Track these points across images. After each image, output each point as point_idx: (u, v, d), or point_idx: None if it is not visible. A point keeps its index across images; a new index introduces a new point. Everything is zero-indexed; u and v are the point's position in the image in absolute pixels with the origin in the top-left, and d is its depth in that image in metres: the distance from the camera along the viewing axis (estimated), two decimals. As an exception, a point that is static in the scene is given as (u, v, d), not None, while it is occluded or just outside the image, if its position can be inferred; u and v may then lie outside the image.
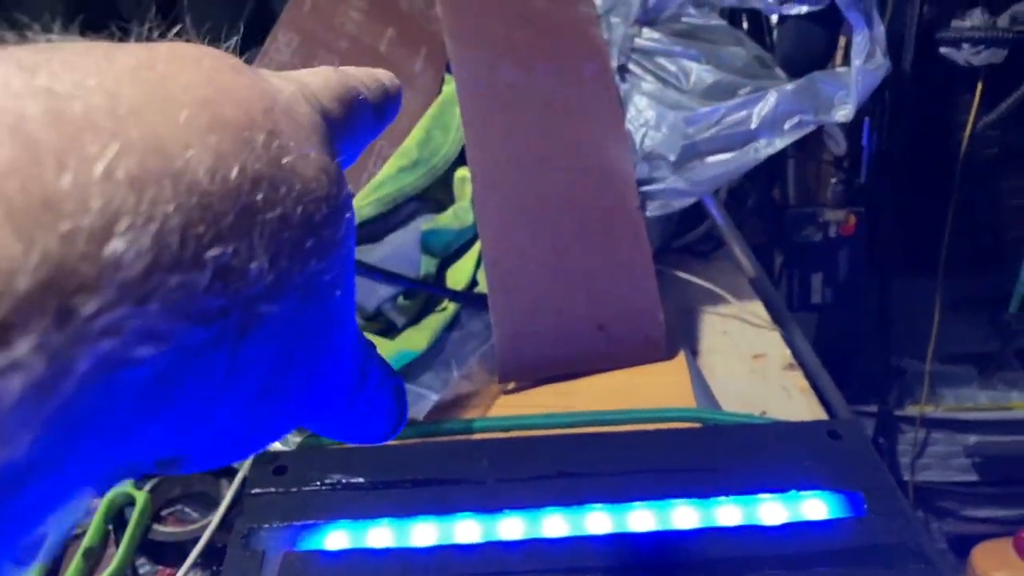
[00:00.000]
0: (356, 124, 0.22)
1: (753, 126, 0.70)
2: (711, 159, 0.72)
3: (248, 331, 0.15)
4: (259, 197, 0.15)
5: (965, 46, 0.78)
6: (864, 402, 1.01)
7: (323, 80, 0.21)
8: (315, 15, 0.71)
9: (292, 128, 0.17)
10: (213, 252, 0.14)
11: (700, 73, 0.74)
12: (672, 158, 0.71)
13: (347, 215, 0.18)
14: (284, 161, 0.16)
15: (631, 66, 0.75)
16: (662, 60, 0.75)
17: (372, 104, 0.22)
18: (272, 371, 0.17)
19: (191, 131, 0.15)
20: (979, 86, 0.81)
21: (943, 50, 0.80)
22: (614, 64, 0.74)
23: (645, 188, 0.72)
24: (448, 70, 0.74)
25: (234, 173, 0.15)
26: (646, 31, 0.76)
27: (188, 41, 0.17)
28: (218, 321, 0.15)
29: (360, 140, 0.22)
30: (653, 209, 0.72)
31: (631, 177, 0.70)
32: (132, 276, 0.13)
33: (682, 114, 0.72)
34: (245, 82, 0.17)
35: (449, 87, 0.73)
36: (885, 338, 0.97)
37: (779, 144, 0.71)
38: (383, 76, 0.24)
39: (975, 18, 0.78)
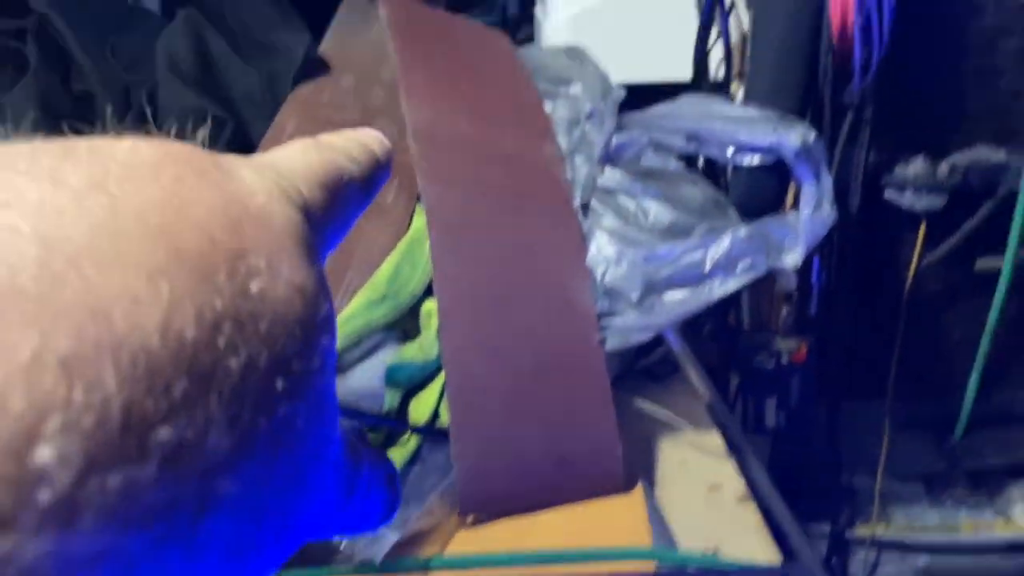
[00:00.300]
0: (343, 208, 0.19)
1: (708, 267, 0.74)
2: (669, 296, 0.75)
3: (205, 510, 0.13)
4: (220, 344, 0.13)
5: (908, 192, 0.83)
6: (816, 521, 1.03)
7: (304, 164, 0.18)
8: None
9: (264, 240, 0.15)
10: (162, 434, 0.12)
11: (659, 212, 0.77)
12: (632, 294, 0.74)
13: (324, 338, 0.16)
14: (252, 290, 0.14)
15: (594, 203, 0.79)
16: (623, 199, 0.79)
17: (360, 180, 0.19)
18: (241, 533, 0.14)
19: (141, 277, 0.12)
20: (922, 228, 0.86)
21: (888, 194, 0.85)
22: (577, 202, 0.78)
23: (605, 323, 0.74)
24: (419, 199, 0.77)
25: (191, 325, 0.13)
26: (608, 170, 0.80)
27: (151, 135, 0.16)
28: (166, 518, 0.12)
29: (348, 222, 0.20)
30: (612, 343, 0.74)
31: (592, 312, 0.73)
32: (59, 491, 0.11)
33: (641, 252, 0.75)
34: (210, 194, 0.15)
35: (419, 220, 0.75)
36: (836, 459, 1.00)
37: (733, 285, 0.74)
38: (371, 141, 0.21)
39: (917, 166, 0.83)
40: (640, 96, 0.85)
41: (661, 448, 0.80)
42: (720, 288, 0.74)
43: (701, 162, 0.85)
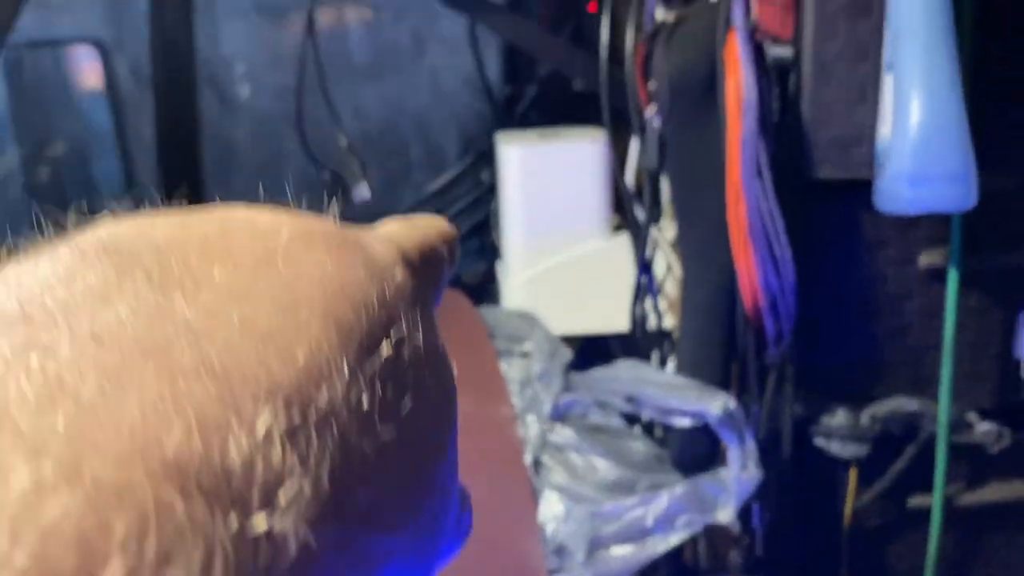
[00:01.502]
0: (440, 278, 0.20)
1: (649, 523, 0.80)
2: (615, 551, 0.80)
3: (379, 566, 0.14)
4: (390, 407, 0.14)
5: (835, 440, 0.91)
6: None
7: (407, 238, 0.19)
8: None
9: (403, 307, 0.16)
10: (363, 495, 0.13)
11: (605, 468, 0.84)
12: (579, 552, 0.79)
13: (454, 383, 0.17)
14: (404, 355, 0.15)
15: (544, 459, 0.86)
16: (572, 455, 0.86)
17: (447, 254, 0.21)
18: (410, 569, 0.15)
19: (323, 354, 0.14)
20: (853, 471, 0.93)
21: (817, 442, 0.92)
22: (529, 459, 0.85)
23: (555, 579, 0.79)
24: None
25: (364, 394, 0.14)
26: (558, 427, 0.87)
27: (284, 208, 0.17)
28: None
29: (441, 293, 0.21)
30: (563, 600, 0.79)
31: (542, 570, 0.78)
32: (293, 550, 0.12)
33: (588, 508, 0.81)
34: (358, 268, 0.16)
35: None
36: None
37: (673, 540, 0.80)
38: (441, 223, 0.22)
39: (840, 417, 0.91)
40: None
41: None
42: (663, 543, 0.80)
43: (643, 419, 0.93)
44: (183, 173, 1.60)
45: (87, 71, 2.16)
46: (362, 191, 0.99)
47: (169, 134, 1.57)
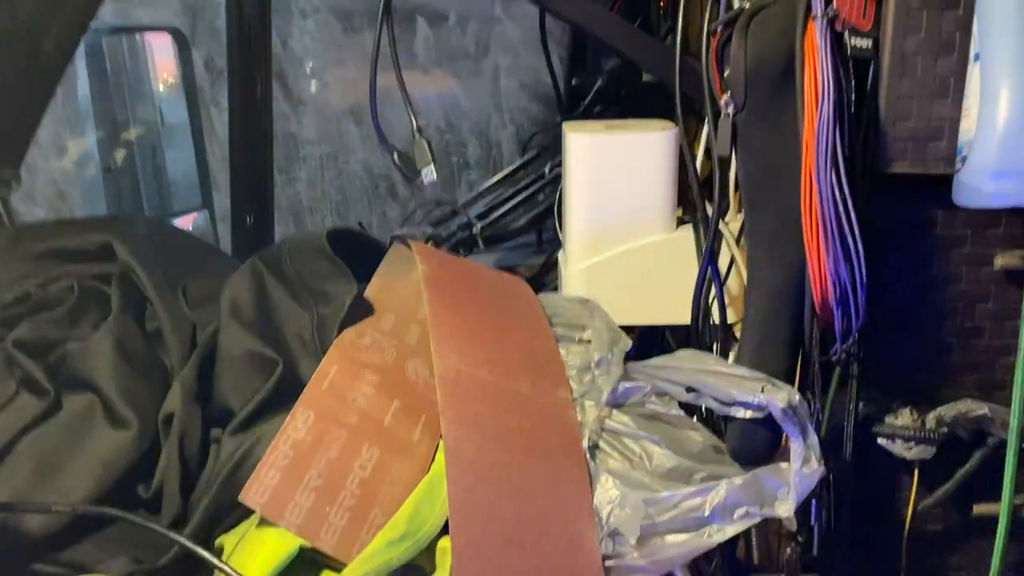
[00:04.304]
0: None
1: (706, 513, 0.79)
2: (670, 539, 0.80)
3: None
4: None
5: (898, 441, 0.89)
6: None
7: None
8: (331, 393, 0.83)
9: None
10: None
11: (661, 457, 0.84)
12: (633, 537, 0.79)
13: None
14: None
15: (601, 444, 0.86)
16: (628, 441, 0.86)
17: None
18: None
19: None
20: (916, 473, 0.91)
21: (880, 442, 0.91)
22: (586, 444, 0.85)
23: (609, 563, 0.79)
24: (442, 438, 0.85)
25: None
26: (615, 413, 0.87)
27: None
28: None
29: None
30: (616, 583, 0.79)
31: (597, 554, 0.78)
32: None
33: (644, 495, 0.81)
34: None
35: (440, 458, 0.83)
36: None
37: (730, 531, 0.79)
38: None
39: (905, 417, 0.89)
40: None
41: None
42: (718, 534, 0.79)
43: (703, 409, 0.92)
44: (253, 165, 1.64)
45: (163, 61, 2.22)
46: (431, 174, 1.01)
47: (242, 126, 1.61)
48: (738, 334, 0.99)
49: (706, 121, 0.93)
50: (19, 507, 0.73)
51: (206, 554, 0.70)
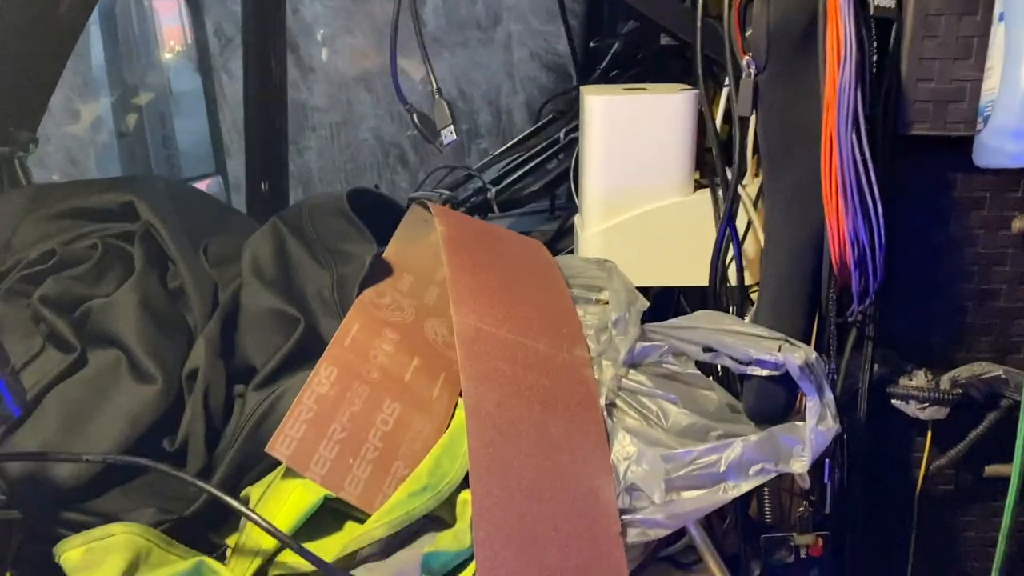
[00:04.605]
0: None
1: (722, 469, 0.80)
2: (686, 494, 0.81)
3: None
4: None
5: (912, 402, 0.90)
6: None
7: None
8: (353, 349, 0.84)
9: None
10: None
11: (677, 415, 0.85)
12: (651, 492, 0.80)
13: None
14: None
15: (618, 402, 0.87)
16: (645, 400, 0.87)
17: None
18: None
19: None
20: (929, 433, 0.92)
21: (894, 403, 0.92)
22: (603, 401, 0.86)
23: (626, 517, 0.80)
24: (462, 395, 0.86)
25: None
26: (632, 373, 0.88)
27: None
28: None
29: None
30: (632, 537, 0.80)
31: (614, 508, 0.79)
32: None
33: (661, 451, 0.82)
34: None
35: (460, 414, 0.84)
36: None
37: (745, 487, 0.80)
38: None
39: (919, 378, 0.90)
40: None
41: (679, 641, 0.84)
42: (734, 489, 0.81)
43: (719, 369, 0.93)
44: (267, 132, 1.64)
45: (171, 28, 2.22)
46: (451, 134, 1.01)
47: (256, 93, 1.61)
48: (754, 297, 1.00)
49: (726, 83, 0.93)
50: (51, 456, 0.74)
51: (234, 502, 0.71)
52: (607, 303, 0.95)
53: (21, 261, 0.93)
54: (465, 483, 0.79)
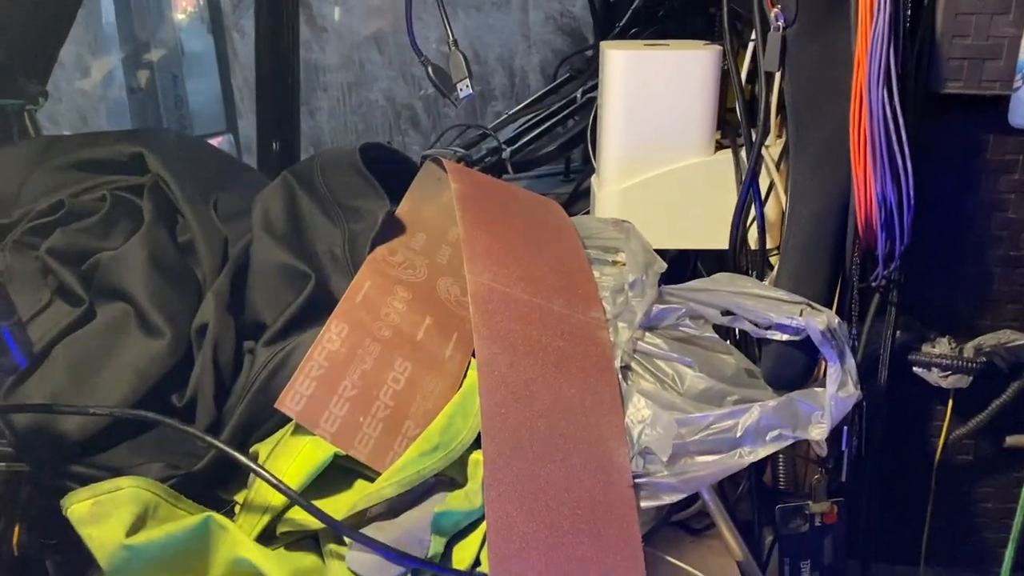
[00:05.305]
0: None
1: (738, 434, 0.79)
2: (700, 459, 0.80)
3: None
4: None
5: (935, 370, 0.88)
6: None
7: None
8: (364, 306, 0.83)
9: None
10: None
11: (693, 379, 0.83)
12: (664, 456, 0.79)
13: None
14: None
15: (633, 365, 0.85)
16: (660, 363, 0.85)
17: None
18: None
19: None
20: (950, 402, 0.90)
21: (916, 370, 0.90)
22: (618, 364, 0.84)
23: (639, 481, 0.79)
24: (474, 355, 0.85)
25: None
26: (648, 336, 0.86)
27: None
28: None
29: None
30: (646, 501, 0.79)
31: (627, 471, 0.78)
32: None
33: (675, 415, 0.81)
34: None
35: (473, 374, 0.83)
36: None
37: (761, 452, 0.79)
38: None
39: (943, 346, 0.88)
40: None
41: (690, 605, 0.83)
42: (749, 455, 0.79)
43: (738, 333, 0.91)
44: (279, 91, 1.62)
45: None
46: (466, 88, 0.99)
47: (268, 52, 1.58)
48: (774, 261, 0.97)
49: (751, 38, 0.90)
50: (58, 408, 0.73)
51: (243, 458, 0.70)
52: (624, 264, 0.93)
53: (29, 212, 0.92)
54: (477, 443, 0.78)
